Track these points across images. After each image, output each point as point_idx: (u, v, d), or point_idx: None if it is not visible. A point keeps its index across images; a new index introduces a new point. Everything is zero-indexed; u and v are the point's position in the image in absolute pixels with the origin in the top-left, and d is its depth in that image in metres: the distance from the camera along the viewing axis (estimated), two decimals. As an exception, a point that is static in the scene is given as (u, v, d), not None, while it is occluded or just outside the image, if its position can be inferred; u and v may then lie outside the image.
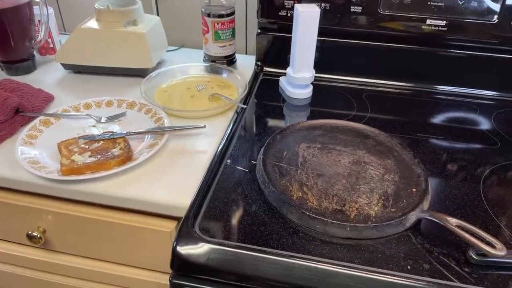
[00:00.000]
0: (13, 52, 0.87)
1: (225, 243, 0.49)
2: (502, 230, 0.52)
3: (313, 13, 0.75)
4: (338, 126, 0.70)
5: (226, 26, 0.87)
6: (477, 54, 0.83)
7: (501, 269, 0.47)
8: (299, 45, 0.78)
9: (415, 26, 0.81)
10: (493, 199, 0.57)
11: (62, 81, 0.88)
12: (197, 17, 0.89)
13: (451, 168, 0.64)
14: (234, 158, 0.64)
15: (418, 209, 0.52)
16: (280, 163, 0.60)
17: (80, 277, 0.70)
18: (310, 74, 0.82)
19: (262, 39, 0.91)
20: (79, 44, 0.85)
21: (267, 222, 0.52)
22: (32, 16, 0.87)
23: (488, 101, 0.84)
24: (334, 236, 0.50)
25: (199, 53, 0.97)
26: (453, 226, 0.48)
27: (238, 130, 0.72)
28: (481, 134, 0.73)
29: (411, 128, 0.74)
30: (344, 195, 0.55)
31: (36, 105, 0.74)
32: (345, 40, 0.87)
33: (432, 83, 0.87)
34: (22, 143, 0.64)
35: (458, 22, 0.79)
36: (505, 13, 0.76)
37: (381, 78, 0.89)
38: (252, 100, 0.83)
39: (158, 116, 0.72)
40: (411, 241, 0.50)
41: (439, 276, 0.46)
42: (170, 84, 0.85)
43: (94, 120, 0.72)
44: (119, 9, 0.85)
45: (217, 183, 0.59)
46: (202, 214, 0.53)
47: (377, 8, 0.81)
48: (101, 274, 0.68)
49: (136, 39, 0.85)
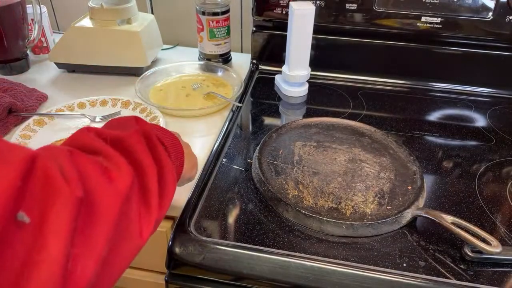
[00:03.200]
0: (6, 52, 0.86)
1: (220, 242, 0.49)
2: (497, 227, 0.52)
3: (308, 10, 0.75)
4: (334, 124, 0.70)
5: (221, 24, 0.87)
6: (472, 51, 0.83)
7: (496, 266, 0.47)
8: (295, 43, 0.78)
9: (410, 24, 0.81)
10: (488, 196, 0.58)
11: (56, 80, 0.87)
12: (192, 15, 0.89)
13: (446, 165, 0.64)
14: (229, 156, 0.64)
15: (413, 206, 0.52)
16: (275, 161, 0.60)
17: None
18: (305, 72, 0.81)
19: (257, 37, 0.91)
20: (73, 43, 0.85)
21: (263, 221, 0.52)
22: (25, 15, 0.87)
23: (484, 98, 0.84)
24: (330, 234, 0.50)
25: (194, 52, 0.97)
26: (448, 223, 0.48)
27: (234, 129, 0.72)
28: (477, 131, 0.73)
29: (407, 126, 0.74)
30: (340, 193, 0.55)
31: (30, 104, 0.73)
32: (340, 37, 0.87)
33: (427, 80, 0.87)
34: (16, 143, 0.63)
35: (453, 19, 0.79)
36: (500, 10, 0.77)
37: (376, 75, 0.89)
38: (248, 98, 0.82)
39: (153, 115, 0.72)
40: (406, 239, 0.50)
41: (434, 273, 0.46)
42: (165, 83, 0.85)
43: (88, 120, 0.72)
44: (113, 7, 0.84)
45: (212, 182, 0.59)
46: (198, 213, 0.53)
47: (372, 5, 0.80)
48: (96, 274, 0.67)
49: (130, 37, 0.84)
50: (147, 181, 0.36)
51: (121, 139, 0.37)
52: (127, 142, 0.37)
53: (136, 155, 0.36)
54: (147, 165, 0.36)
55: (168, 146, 0.42)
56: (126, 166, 0.34)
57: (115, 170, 0.32)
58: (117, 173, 0.32)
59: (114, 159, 0.33)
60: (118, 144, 0.36)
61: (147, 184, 0.36)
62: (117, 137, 0.37)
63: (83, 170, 0.29)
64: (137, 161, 0.36)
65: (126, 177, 0.33)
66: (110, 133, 0.37)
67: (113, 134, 0.37)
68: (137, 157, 0.36)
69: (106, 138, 0.36)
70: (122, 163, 0.34)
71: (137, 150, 0.37)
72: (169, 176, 0.39)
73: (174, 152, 0.44)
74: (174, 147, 0.44)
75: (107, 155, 0.34)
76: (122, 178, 0.32)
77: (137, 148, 0.37)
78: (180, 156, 0.45)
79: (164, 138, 0.43)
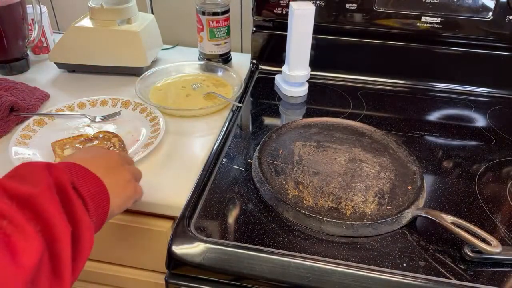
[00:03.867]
0: (6, 52, 0.86)
1: (220, 242, 0.49)
2: (497, 227, 0.52)
3: (308, 10, 0.75)
4: (334, 124, 0.70)
5: (221, 24, 0.87)
6: (472, 51, 0.83)
7: (496, 266, 0.47)
8: (294, 43, 0.78)
9: (410, 24, 0.81)
10: (488, 196, 0.58)
11: (56, 80, 0.87)
12: (192, 15, 0.89)
13: (446, 165, 0.64)
14: (229, 156, 0.64)
15: (413, 206, 0.52)
16: (275, 161, 0.60)
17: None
18: (305, 72, 0.81)
19: (257, 37, 0.91)
20: (73, 43, 0.85)
21: (263, 221, 0.52)
22: (25, 15, 0.87)
23: (484, 98, 0.84)
24: (330, 234, 0.50)
25: (194, 52, 0.97)
26: (448, 223, 0.48)
27: (234, 129, 0.72)
28: (477, 131, 0.73)
29: (407, 126, 0.74)
30: (340, 193, 0.55)
31: (31, 103, 0.73)
32: (340, 37, 0.87)
33: (427, 80, 0.87)
34: (16, 143, 0.63)
35: (453, 19, 0.79)
36: (500, 10, 0.77)
37: (376, 75, 0.89)
38: (248, 98, 0.82)
39: (153, 115, 0.72)
40: (406, 239, 0.50)
41: (434, 273, 0.46)
42: (165, 83, 0.85)
43: (88, 120, 0.72)
44: (113, 7, 0.84)
45: (212, 182, 0.59)
46: (198, 213, 0.53)
47: (372, 5, 0.80)
48: (97, 274, 0.67)
49: (130, 37, 0.84)
50: (59, 249, 0.32)
51: (30, 198, 0.32)
52: (37, 202, 0.32)
53: (47, 219, 0.32)
54: (60, 230, 0.32)
55: (86, 197, 0.38)
56: (34, 236, 0.30)
57: (21, 240, 0.29)
58: (23, 244, 0.28)
59: (20, 226, 0.30)
60: (26, 206, 0.32)
61: (59, 252, 0.32)
62: (26, 196, 0.32)
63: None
64: (48, 226, 0.32)
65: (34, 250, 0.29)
66: (18, 190, 0.32)
67: (22, 191, 0.32)
68: (49, 221, 0.32)
69: (13, 196, 0.32)
70: (29, 232, 0.30)
71: (48, 211, 0.32)
72: (86, 234, 0.36)
73: (95, 201, 0.39)
74: (94, 196, 0.40)
75: (12, 220, 0.30)
76: (28, 252, 0.28)
77: (48, 208, 0.33)
78: (104, 204, 0.41)
79: (83, 186, 0.39)
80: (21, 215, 0.31)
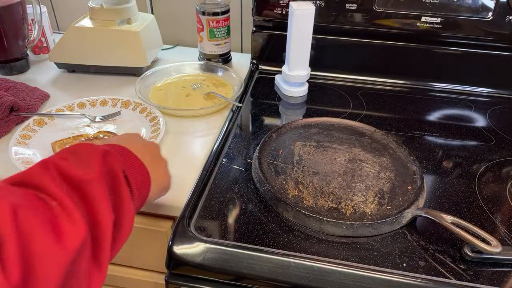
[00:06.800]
0: (6, 52, 0.86)
1: (220, 242, 0.49)
2: (497, 227, 0.52)
3: (308, 10, 0.75)
4: (334, 124, 0.70)
5: (221, 24, 0.87)
6: (472, 51, 0.83)
7: (496, 266, 0.47)
8: (295, 43, 0.78)
9: (410, 24, 0.81)
10: (488, 196, 0.58)
11: (56, 80, 0.87)
12: (192, 15, 0.89)
13: (446, 165, 0.64)
14: (229, 156, 0.64)
15: (413, 206, 0.52)
16: (275, 161, 0.60)
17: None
18: (305, 72, 0.81)
19: (257, 37, 0.91)
20: (73, 43, 0.85)
21: (263, 221, 0.52)
22: (25, 15, 0.87)
23: (484, 98, 0.84)
24: (330, 234, 0.50)
25: (194, 52, 0.97)
26: (448, 223, 0.48)
27: (234, 129, 0.72)
28: (476, 131, 0.73)
29: (407, 126, 0.74)
30: (340, 193, 0.55)
31: (31, 103, 0.73)
32: (340, 37, 0.87)
33: (427, 80, 0.87)
34: (16, 143, 0.63)
35: (453, 19, 0.79)
36: (500, 10, 0.77)
37: (376, 75, 0.89)
38: (248, 98, 0.82)
39: (153, 115, 0.72)
40: (406, 239, 0.50)
41: (434, 273, 0.46)
42: (165, 83, 0.85)
43: (88, 120, 0.72)
44: (113, 7, 0.84)
45: (212, 182, 0.59)
46: (198, 213, 0.53)
47: (372, 5, 0.80)
48: (97, 274, 0.67)
49: (130, 37, 0.84)
50: (101, 235, 0.34)
51: (81, 184, 0.34)
52: (87, 188, 0.34)
53: (93, 206, 0.34)
54: (104, 217, 0.34)
55: (133, 186, 0.40)
56: (80, 220, 0.31)
57: (67, 223, 0.30)
58: (69, 226, 0.30)
59: (69, 209, 0.31)
60: (77, 190, 0.34)
61: (101, 238, 0.34)
62: (78, 181, 0.34)
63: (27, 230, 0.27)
64: (94, 213, 0.33)
65: (78, 234, 0.30)
66: (72, 174, 0.34)
67: (75, 175, 0.34)
68: (94, 208, 0.34)
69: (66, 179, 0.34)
70: (76, 216, 0.31)
71: (96, 198, 0.34)
72: (128, 221, 0.38)
73: (140, 189, 0.41)
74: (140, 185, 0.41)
75: (61, 203, 0.31)
76: (72, 235, 0.30)
77: (96, 195, 0.34)
78: (145, 192, 0.42)
79: (132, 174, 0.40)
80: (70, 198, 0.32)
